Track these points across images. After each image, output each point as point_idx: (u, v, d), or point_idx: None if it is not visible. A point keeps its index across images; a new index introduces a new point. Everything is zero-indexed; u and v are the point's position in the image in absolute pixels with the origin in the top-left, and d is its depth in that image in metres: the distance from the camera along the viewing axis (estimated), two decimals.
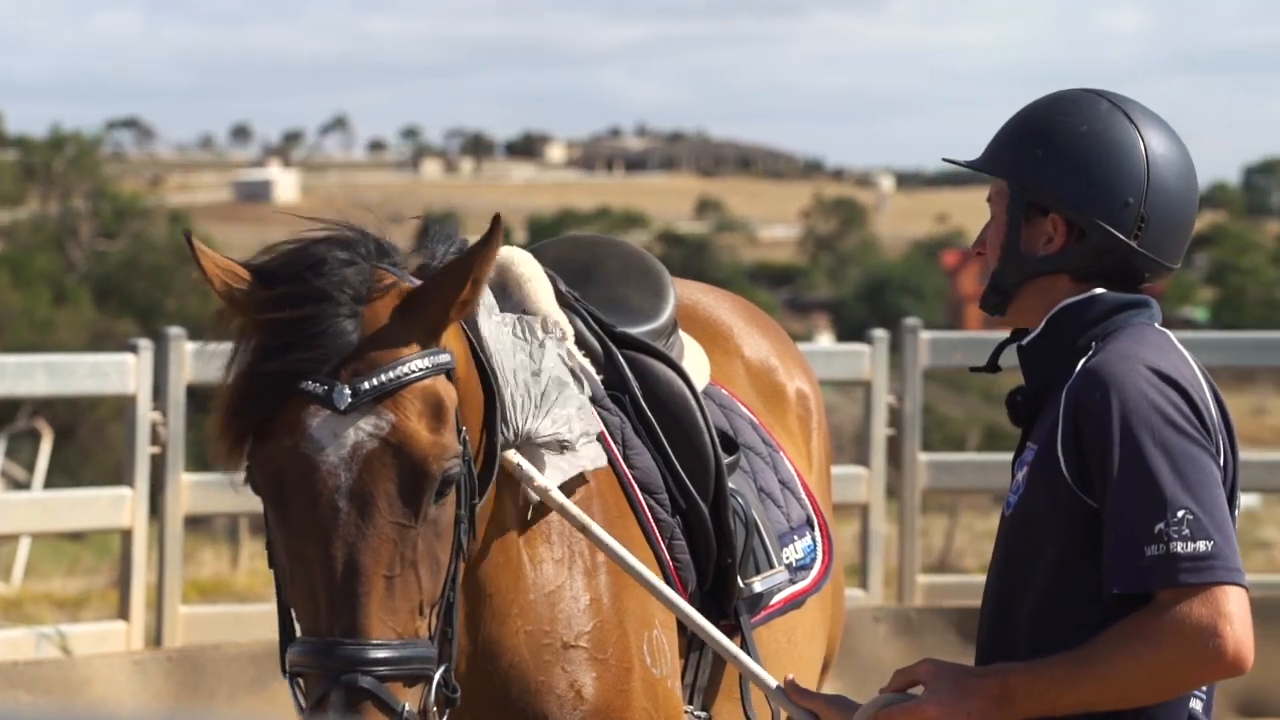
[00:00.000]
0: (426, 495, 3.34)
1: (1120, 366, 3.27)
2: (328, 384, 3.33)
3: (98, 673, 8.03)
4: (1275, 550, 18.45)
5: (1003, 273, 3.41)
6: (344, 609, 3.28)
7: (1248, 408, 52.97)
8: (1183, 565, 3.19)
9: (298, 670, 3.34)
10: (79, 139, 71.79)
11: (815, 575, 4.46)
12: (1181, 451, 3.23)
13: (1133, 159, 3.37)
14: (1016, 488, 3.36)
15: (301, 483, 3.32)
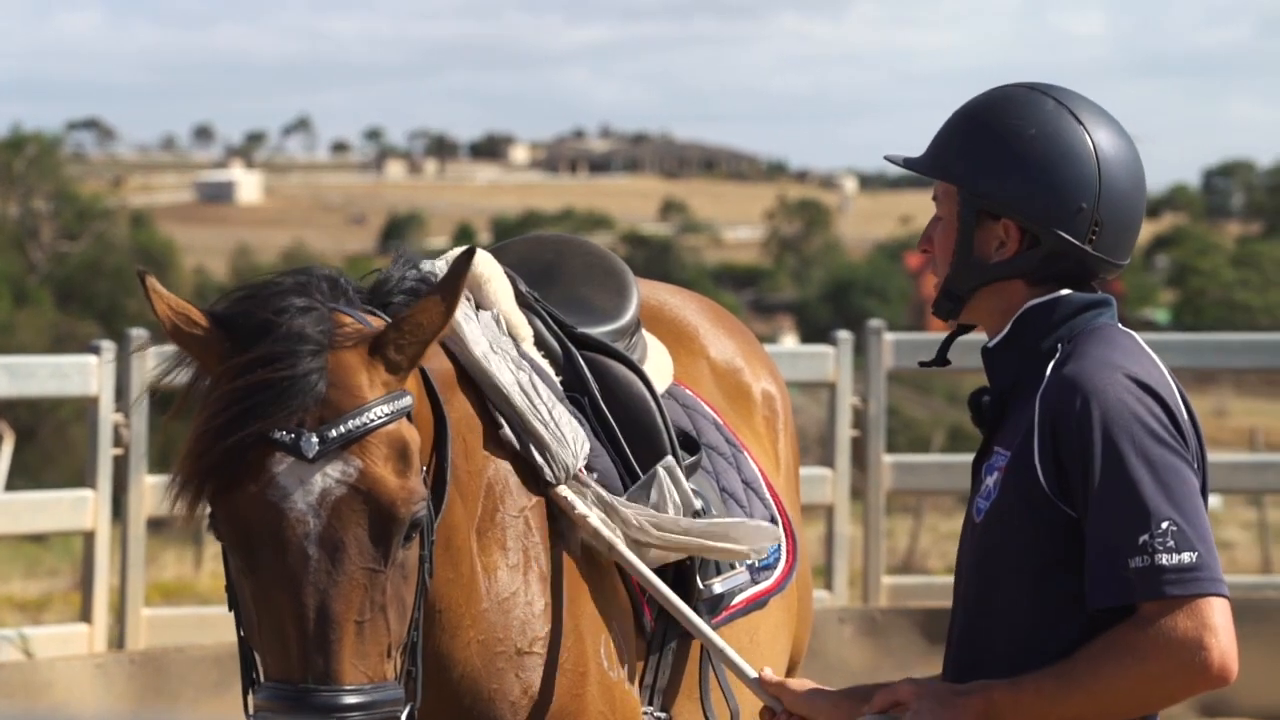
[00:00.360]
0: (395, 539, 3.33)
1: (1099, 375, 3.24)
2: (295, 432, 3.31)
3: (60, 675, 8.00)
4: (1237, 551, 18.52)
5: (956, 279, 3.38)
6: (316, 656, 3.26)
7: (1208, 409, 53.21)
8: (1167, 577, 3.17)
9: (268, 716, 3.31)
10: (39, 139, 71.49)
11: (778, 576, 4.46)
12: (1163, 462, 3.21)
13: (1084, 162, 3.33)
14: (987, 493, 3.32)
15: (270, 531, 3.30)
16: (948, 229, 3.39)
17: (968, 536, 3.38)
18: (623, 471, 4.06)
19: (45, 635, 8.46)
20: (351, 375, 3.35)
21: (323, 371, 3.34)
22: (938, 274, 3.42)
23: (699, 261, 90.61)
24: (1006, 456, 3.29)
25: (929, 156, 3.42)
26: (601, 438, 4.07)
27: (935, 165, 3.40)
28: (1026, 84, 3.42)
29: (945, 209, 3.40)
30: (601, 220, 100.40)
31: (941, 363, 3.55)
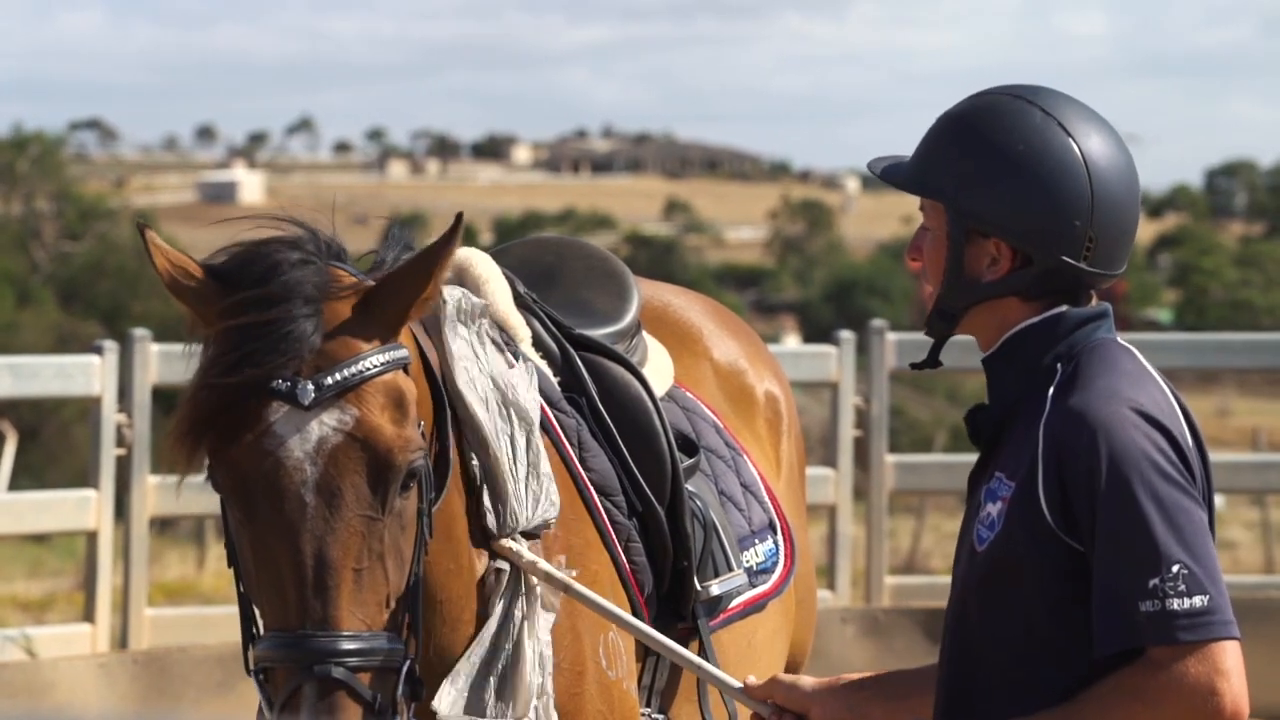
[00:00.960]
0: (393, 487, 3.36)
1: (1106, 408, 3.15)
2: (291, 380, 3.35)
3: (63, 676, 8.00)
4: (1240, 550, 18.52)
5: (948, 297, 3.29)
6: (314, 602, 3.29)
7: (1211, 409, 53.14)
8: (1179, 622, 3.10)
9: (265, 665, 3.34)
10: (42, 139, 71.54)
11: (776, 579, 4.46)
12: (1173, 502, 3.13)
13: (1075, 177, 3.23)
14: (990, 522, 3.23)
15: (268, 479, 3.33)
16: (937, 243, 3.30)
17: (965, 560, 3.29)
18: (620, 473, 4.06)
19: (48, 635, 8.46)
20: (347, 326, 3.40)
21: (318, 321, 3.38)
22: (928, 286, 3.34)
23: (702, 262, 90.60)
24: (1010, 487, 3.20)
25: (914, 170, 3.32)
26: (599, 439, 4.07)
27: (920, 181, 3.30)
28: (1011, 91, 3.31)
29: (933, 221, 3.31)
30: (604, 220, 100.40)
31: (933, 364, 3.46)
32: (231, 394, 3.34)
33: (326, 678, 3.27)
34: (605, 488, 4.03)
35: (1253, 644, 3.20)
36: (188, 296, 3.43)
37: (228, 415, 3.35)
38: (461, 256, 4.05)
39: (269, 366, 3.34)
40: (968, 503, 3.36)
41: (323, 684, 3.28)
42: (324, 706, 3.27)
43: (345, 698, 3.29)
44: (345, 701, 3.29)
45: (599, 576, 3.92)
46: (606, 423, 4.09)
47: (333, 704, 3.28)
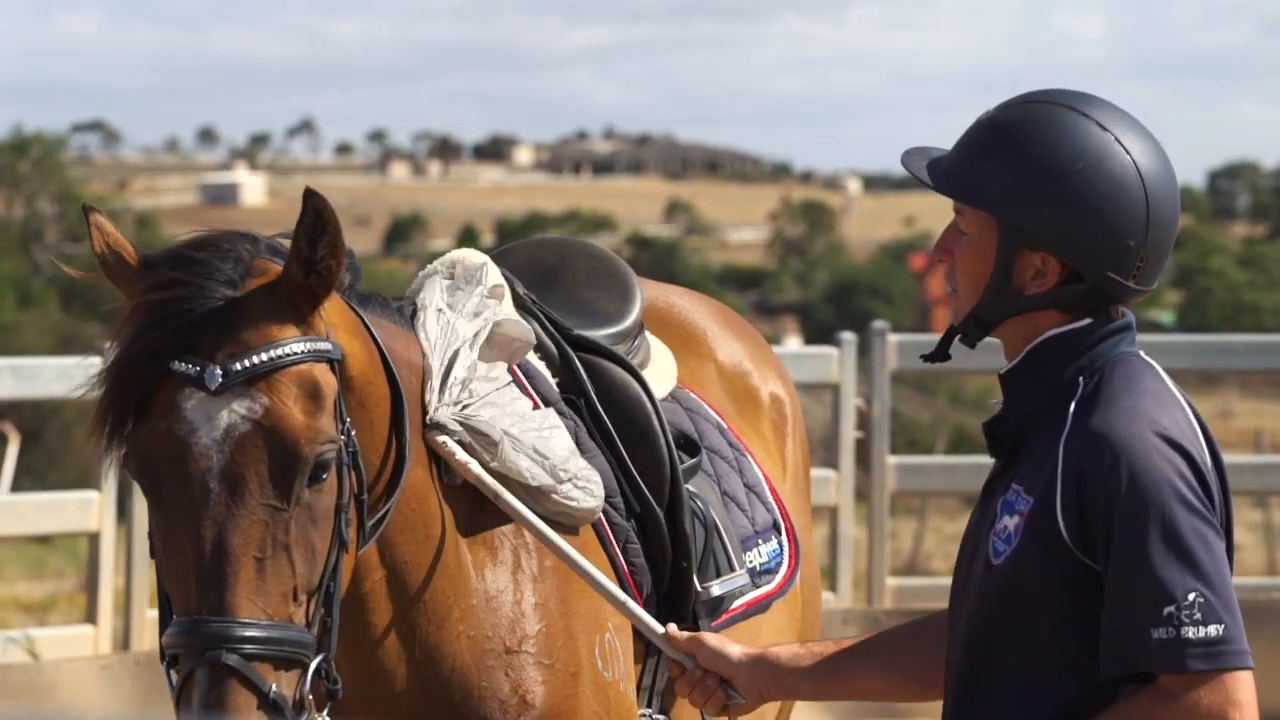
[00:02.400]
0: (298, 479, 3.34)
1: (1129, 430, 3.12)
2: (199, 365, 3.35)
3: (65, 677, 8.00)
4: (1243, 552, 18.52)
5: (989, 308, 3.23)
6: (212, 587, 3.28)
7: (1214, 410, 53.13)
8: (1193, 651, 3.07)
9: (169, 651, 3.34)
10: (44, 141, 71.53)
11: (780, 580, 4.45)
12: (1191, 530, 3.09)
13: (1133, 198, 3.18)
14: (1008, 536, 3.19)
15: (173, 464, 3.33)
16: (977, 251, 3.24)
17: (980, 572, 3.25)
18: (619, 474, 4.06)
19: (50, 637, 8.46)
20: (262, 313, 3.40)
21: (231, 304, 3.39)
22: (958, 291, 3.28)
23: (703, 263, 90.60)
24: (1029, 502, 3.17)
25: (965, 178, 3.24)
26: (597, 439, 4.06)
27: (970, 191, 3.22)
28: (1062, 100, 3.22)
29: (974, 229, 3.24)
30: (605, 222, 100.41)
31: (943, 357, 3.41)
32: (139, 363, 3.36)
33: (217, 663, 3.25)
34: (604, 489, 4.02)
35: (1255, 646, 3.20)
36: (117, 278, 3.45)
37: (137, 390, 3.36)
38: (460, 257, 4.06)
39: (171, 337, 3.35)
40: (981, 507, 3.31)
41: (214, 669, 3.25)
42: (214, 694, 3.24)
43: (237, 685, 3.26)
44: (236, 689, 3.26)
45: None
46: (605, 424, 4.09)
47: (223, 691, 3.25)
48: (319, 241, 3.41)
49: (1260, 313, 69.96)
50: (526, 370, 4.02)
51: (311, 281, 3.42)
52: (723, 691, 3.56)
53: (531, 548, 3.82)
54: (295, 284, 3.42)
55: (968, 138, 3.28)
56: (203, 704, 3.25)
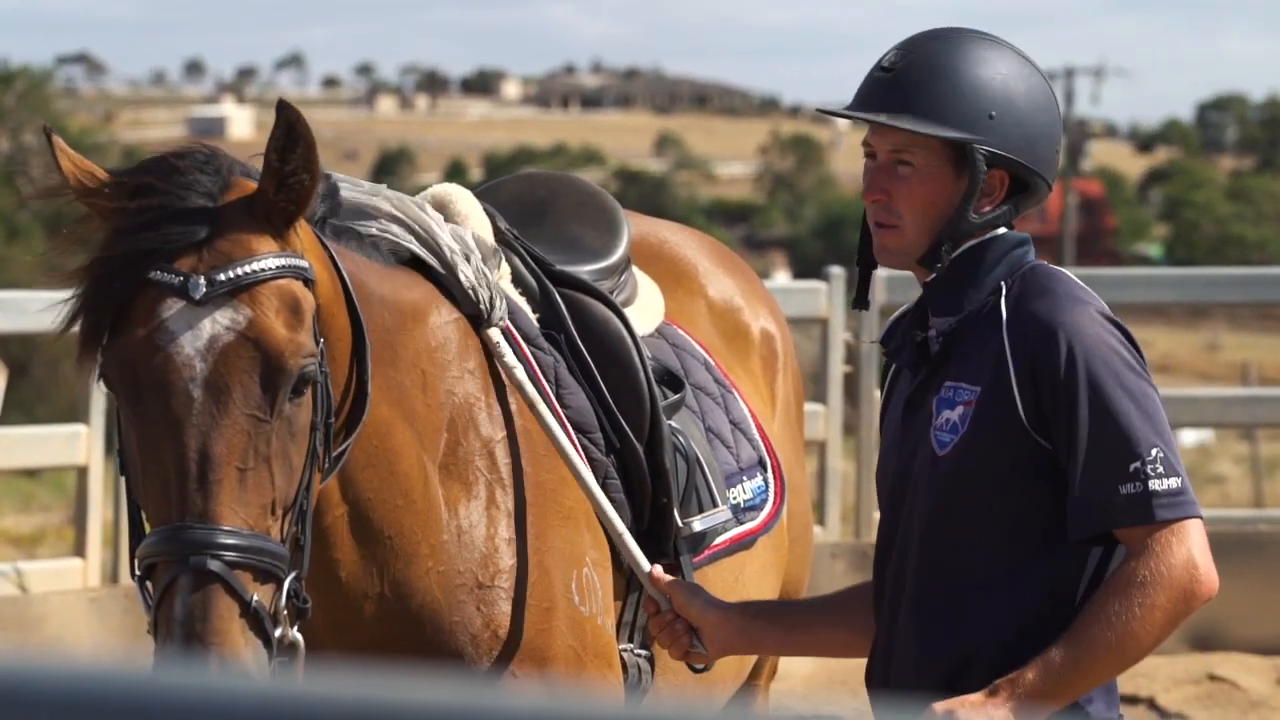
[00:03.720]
0: (282, 390, 3.35)
1: (1073, 311, 3.32)
2: (182, 275, 3.34)
3: (54, 610, 8.02)
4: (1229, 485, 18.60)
5: (953, 232, 3.40)
6: (195, 495, 3.27)
7: (1201, 343, 53.17)
8: (1159, 501, 3.25)
9: (146, 561, 3.32)
10: (29, 74, 71.26)
11: (765, 516, 4.46)
12: (1142, 392, 3.30)
13: (1054, 108, 3.49)
14: (952, 426, 3.35)
15: (155, 374, 3.32)
16: (927, 181, 3.39)
17: (927, 471, 3.39)
18: (598, 410, 4.06)
19: (39, 570, 8.48)
20: (241, 227, 3.39)
21: (210, 215, 3.38)
22: (901, 226, 3.41)
23: (692, 197, 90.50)
24: (974, 391, 3.33)
25: (925, 113, 3.40)
26: (577, 375, 4.06)
27: (942, 123, 3.39)
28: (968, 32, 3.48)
29: (922, 160, 3.39)
30: (593, 156, 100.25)
31: (866, 304, 3.62)
32: (117, 266, 3.35)
33: (202, 569, 3.25)
34: (583, 425, 4.02)
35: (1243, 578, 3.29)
36: (90, 197, 3.43)
37: (116, 296, 3.35)
38: (441, 192, 4.05)
39: (153, 240, 3.34)
40: (906, 422, 3.45)
41: (198, 575, 3.25)
42: (198, 598, 3.24)
43: (220, 591, 3.26)
44: (220, 595, 3.26)
45: (574, 513, 3.92)
46: (585, 359, 4.08)
47: (207, 596, 3.24)
48: (290, 154, 3.40)
49: (1247, 246, 70.00)
50: (507, 305, 4.01)
51: (283, 197, 3.41)
52: (688, 638, 3.68)
53: (508, 484, 3.83)
54: (269, 199, 3.41)
55: (905, 78, 3.43)
56: (185, 611, 3.24)
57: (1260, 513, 12.34)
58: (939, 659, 3.37)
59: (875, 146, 3.43)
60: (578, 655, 3.84)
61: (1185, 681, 8.40)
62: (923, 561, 3.39)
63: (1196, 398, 10.31)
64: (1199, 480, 19.42)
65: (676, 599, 3.68)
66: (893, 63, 3.44)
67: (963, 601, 3.35)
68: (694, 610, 3.66)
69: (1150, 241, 79.90)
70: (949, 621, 3.36)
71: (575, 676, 3.83)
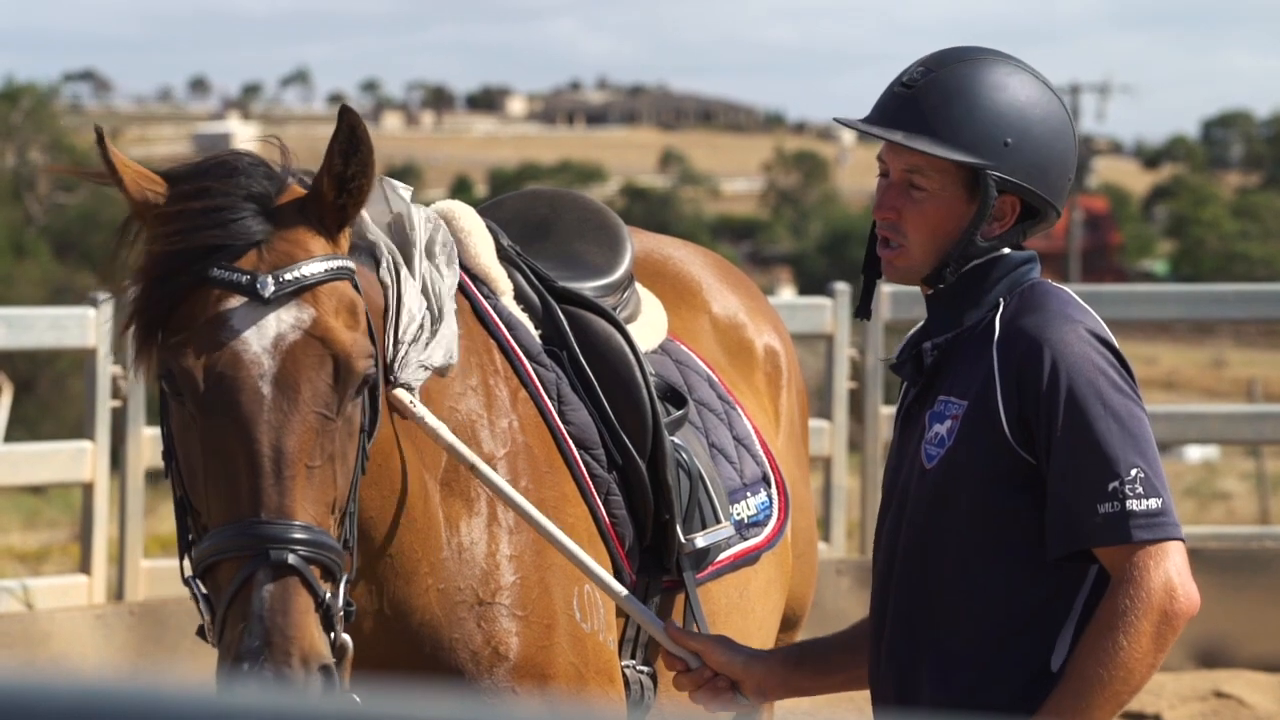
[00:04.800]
0: (349, 390, 3.37)
1: (1061, 328, 3.33)
2: (249, 274, 3.37)
3: (59, 627, 8.02)
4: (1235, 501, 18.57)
5: (961, 254, 3.41)
6: (270, 490, 3.27)
7: (1207, 360, 53.12)
8: (1137, 522, 3.25)
9: (213, 559, 3.29)
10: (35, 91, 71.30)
11: (769, 532, 4.46)
12: (1126, 411, 3.30)
13: (1070, 137, 3.48)
14: (940, 440, 3.38)
15: (226, 370, 3.33)
16: (938, 204, 3.41)
17: (913, 483, 3.41)
18: (600, 426, 4.06)
19: (45, 586, 8.47)
20: (300, 229, 3.43)
21: (272, 217, 3.42)
22: (906, 245, 3.43)
23: (697, 213, 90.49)
24: (961, 405, 3.36)
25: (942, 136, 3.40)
26: (579, 391, 4.06)
27: (958, 147, 3.40)
28: (991, 55, 3.47)
29: (935, 182, 3.41)
30: (599, 172, 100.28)
31: (868, 314, 3.65)
32: (172, 273, 3.36)
33: (282, 564, 3.24)
34: (584, 441, 4.02)
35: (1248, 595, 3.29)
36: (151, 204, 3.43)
37: (178, 292, 3.36)
38: (446, 209, 4.06)
39: (217, 239, 3.35)
40: (902, 437, 3.48)
41: (277, 569, 3.24)
42: (278, 592, 3.23)
43: (299, 586, 3.25)
44: (299, 590, 3.25)
45: (576, 529, 3.91)
46: (587, 375, 4.08)
47: (286, 590, 3.23)
48: (352, 158, 3.44)
49: (1253, 262, 69.94)
50: (509, 322, 4.02)
51: (343, 200, 3.45)
52: (731, 693, 3.66)
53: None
54: (326, 202, 3.45)
55: (923, 98, 3.43)
56: (267, 605, 3.21)
57: (1266, 529, 12.32)
58: (918, 671, 3.38)
59: (889, 164, 3.45)
60: (579, 672, 3.84)
61: (1191, 698, 8.38)
62: (906, 572, 3.41)
63: (1202, 414, 10.30)
64: (1204, 497, 19.39)
65: (712, 658, 3.65)
66: (913, 80, 3.43)
67: (944, 614, 3.36)
68: (736, 667, 3.64)
69: (1156, 258, 79.84)
70: (929, 634, 3.38)
71: (577, 693, 3.82)
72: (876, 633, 3.48)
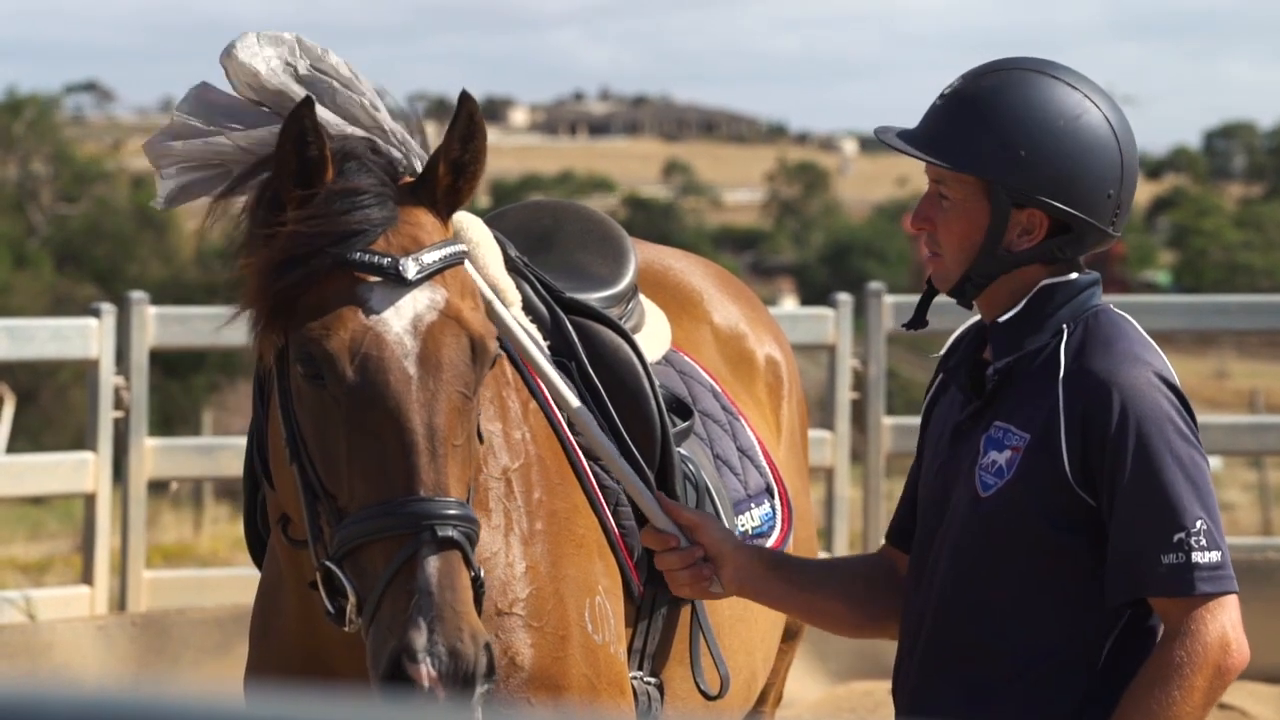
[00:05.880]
0: (483, 370, 3.44)
1: (1130, 372, 3.30)
2: (391, 257, 3.41)
3: (61, 638, 8.02)
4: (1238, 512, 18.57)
5: (981, 268, 3.40)
6: (426, 468, 3.29)
7: (1209, 371, 53.12)
8: (1200, 574, 3.24)
9: (364, 540, 3.28)
10: (38, 102, 71.33)
11: (773, 543, 4.45)
12: (1191, 461, 3.29)
13: (1109, 148, 3.39)
14: (998, 470, 3.35)
15: (371, 352, 3.36)
16: (963, 214, 3.40)
17: (965, 508, 3.38)
18: (610, 436, 4.06)
19: (47, 597, 8.48)
20: (422, 213, 3.50)
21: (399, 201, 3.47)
22: (941, 255, 3.43)
23: (699, 224, 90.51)
24: (1024, 438, 3.32)
25: (952, 147, 3.41)
26: (588, 402, 4.06)
27: (965, 159, 3.39)
28: (1031, 65, 3.43)
29: (959, 194, 3.40)
30: (601, 183, 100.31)
31: (921, 324, 3.58)
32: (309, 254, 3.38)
33: (448, 540, 3.25)
34: (594, 452, 4.03)
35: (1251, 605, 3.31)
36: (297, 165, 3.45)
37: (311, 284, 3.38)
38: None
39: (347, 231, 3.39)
40: (952, 448, 3.44)
41: (442, 545, 3.25)
42: (444, 568, 3.23)
43: (460, 562, 3.27)
44: (461, 566, 3.27)
45: (586, 540, 3.91)
46: (596, 387, 4.08)
47: (451, 565, 3.24)
48: (469, 144, 3.50)
49: (1256, 273, 69.95)
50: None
51: (458, 184, 3.50)
52: (709, 579, 3.67)
53: (524, 511, 3.83)
54: (442, 186, 3.51)
55: (948, 109, 3.44)
56: (434, 580, 3.20)
57: (1268, 540, 12.31)
58: (947, 696, 3.37)
59: (927, 175, 3.47)
60: (592, 683, 3.84)
61: None
62: (946, 596, 3.39)
63: (1205, 425, 10.23)
64: None
65: (704, 534, 3.66)
66: (945, 92, 3.45)
67: (983, 643, 3.34)
68: (726, 548, 3.64)
69: (1158, 269, 79.82)
70: (964, 660, 3.36)
71: (589, 704, 3.83)
72: (908, 646, 3.47)
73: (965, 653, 3.37)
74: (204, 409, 28.22)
